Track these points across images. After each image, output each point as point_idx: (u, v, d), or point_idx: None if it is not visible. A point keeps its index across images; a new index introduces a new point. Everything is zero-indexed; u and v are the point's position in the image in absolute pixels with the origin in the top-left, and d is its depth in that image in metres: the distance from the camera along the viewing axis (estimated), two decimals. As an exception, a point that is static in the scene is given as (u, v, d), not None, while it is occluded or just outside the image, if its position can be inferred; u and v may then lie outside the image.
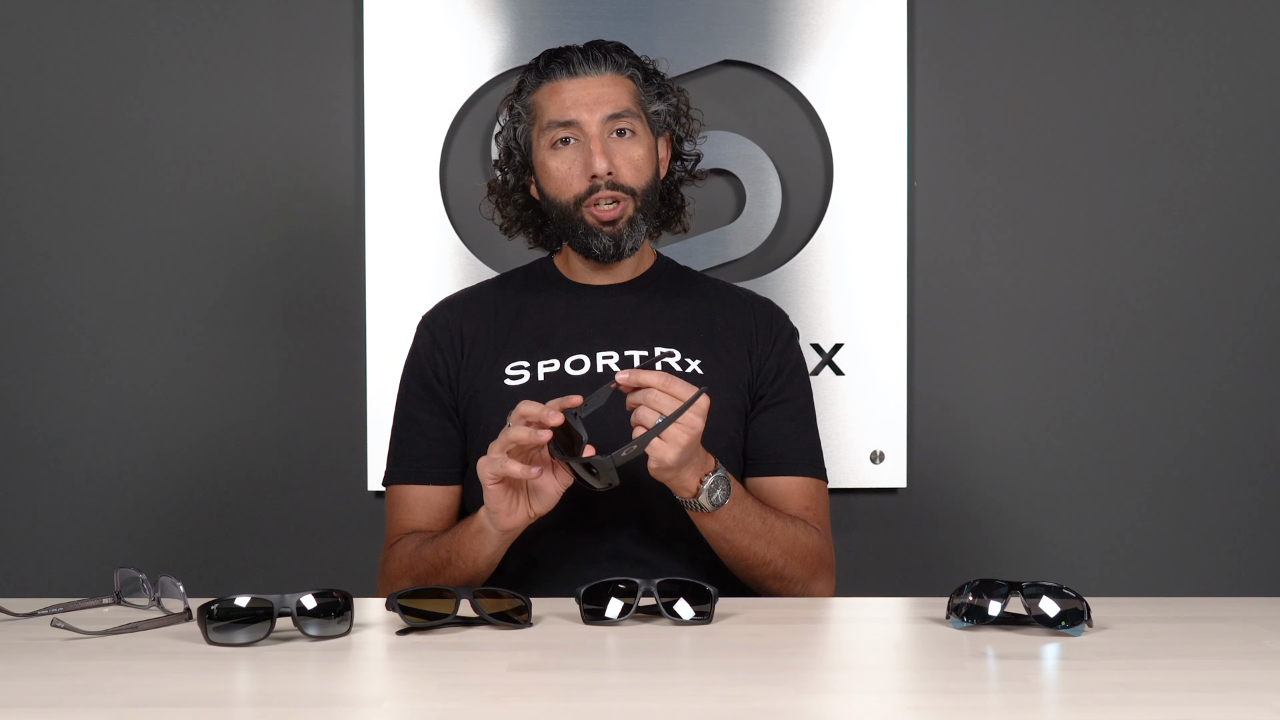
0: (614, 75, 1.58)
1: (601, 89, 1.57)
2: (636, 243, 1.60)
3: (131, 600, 1.32)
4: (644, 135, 1.59)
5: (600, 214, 1.56)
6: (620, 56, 1.60)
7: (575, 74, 1.58)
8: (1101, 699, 1.01)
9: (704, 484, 1.41)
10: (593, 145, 1.55)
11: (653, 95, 1.62)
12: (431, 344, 1.62)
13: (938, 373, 2.18)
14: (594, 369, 1.57)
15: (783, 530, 1.50)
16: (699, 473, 1.40)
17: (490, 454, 1.35)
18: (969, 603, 1.21)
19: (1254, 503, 2.20)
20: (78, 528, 2.14)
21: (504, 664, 1.10)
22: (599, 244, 1.57)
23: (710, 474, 1.41)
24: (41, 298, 2.14)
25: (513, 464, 1.32)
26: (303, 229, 2.14)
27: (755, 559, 1.48)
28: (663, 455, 1.34)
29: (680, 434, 1.34)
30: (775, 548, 1.48)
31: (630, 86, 1.59)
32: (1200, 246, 2.19)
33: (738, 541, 1.46)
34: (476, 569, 1.45)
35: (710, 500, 1.41)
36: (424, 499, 1.58)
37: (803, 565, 1.51)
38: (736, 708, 0.98)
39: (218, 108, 2.13)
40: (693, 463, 1.39)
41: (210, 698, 1.02)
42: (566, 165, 1.57)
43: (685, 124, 1.68)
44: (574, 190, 1.57)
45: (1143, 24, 2.17)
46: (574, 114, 1.56)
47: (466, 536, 1.43)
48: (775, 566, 1.49)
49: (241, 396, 2.15)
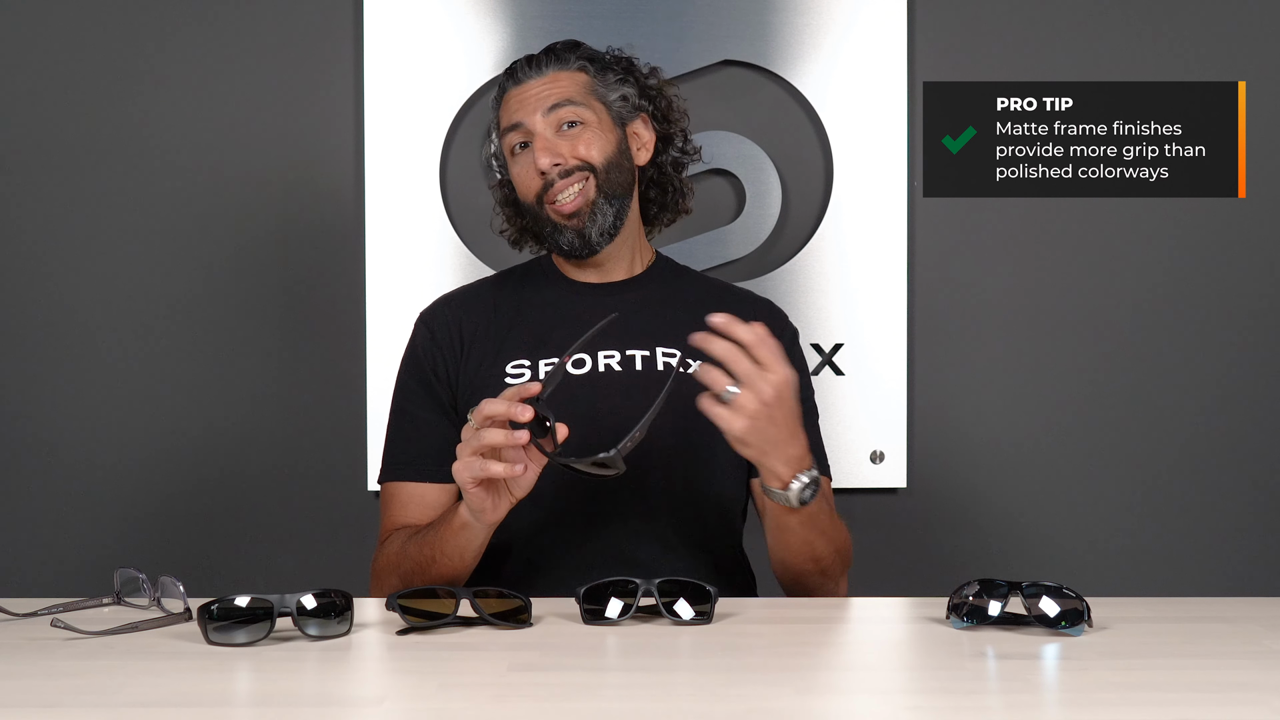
0: (558, 72, 1.59)
1: (542, 88, 1.58)
2: (604, 228, 1.57)
3: (131, 600, 1.32)
4: (598, 121, 1.58)
5: (561, 208, 1.56)
6: (567, 53, 1.61)
7: (520, 80, 1.60)
8: (1101, 699, 1.01)
9: (797, 479, 1.36)
10: (536, 143, 1.56)
11: (612, 82, 1.61)
12: (430, 340, 1.61)
13: (938, 372, 2.18)
14: (595, 367, 1.56)
15: (838, 528, 1.49)
16: (793, 467, 1.36)
17: (462, 458, 1.32)
18: (969, 603, 1.21)
19: (1253, 503, 2.20)
20: (78, 528, 2.14)
21: (504, 664, 1.10)
22: (566, 239, 1.58)
23: (807, 471, 1.37)
24: (41, 297, 2.14)
25: (494, 465, 1.29)
26: (303, 228, 2.15)
27: (813, 554, 1.46)
28: (729, 425, 1.31)
29: (748, 401, 1.29)
30: (831, 545, 1.47)
31: (580, 79, 1.59)
32: (1200, 246, 2.19)
33: (803, 536, 1.43)
34: (464, 564, 1.43)
35: (799, 498, 1.37)
36: (419, 496, 1.56)
37: (843, 563, 1.51)
38: (736, 708, 0.98)
39: (218, 107, 2.13)
40: (784, 452, 1.34)
41: (210, 698, 1.02)
42: (523, 168, 1.59)
43: (661, 102, 1.66)
44: (534, 190, 1.58)
45: (1144, 23, 2.17)
46: (519, 116, 1.58)
47: (449, 534, 1.41)
48: (825, 563, 1.48)
49: (241, 396, 2.15)
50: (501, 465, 1.29)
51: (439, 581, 1.43)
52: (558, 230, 1.58)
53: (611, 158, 1.58)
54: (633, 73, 1.64)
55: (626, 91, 1.62)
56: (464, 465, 1.31)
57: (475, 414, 1.31)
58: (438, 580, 1.43)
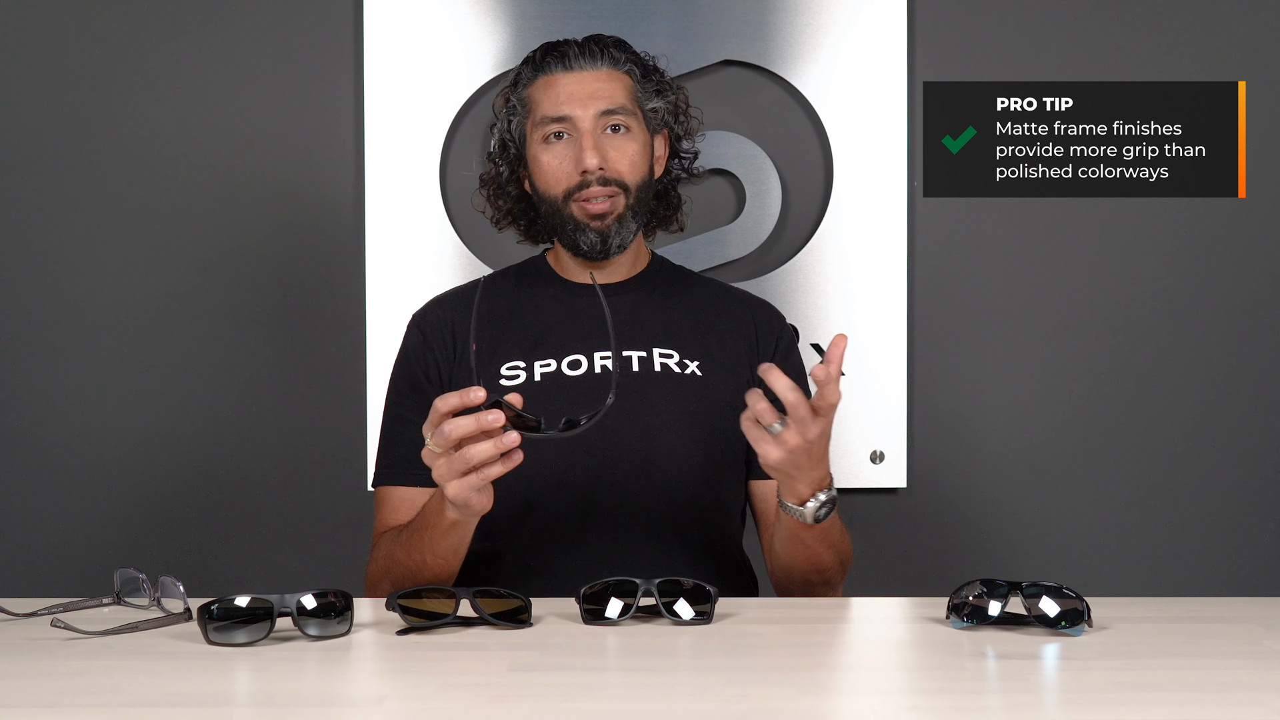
0: (610, 70, 1.57)
1: (596, 84, 1.56)
2: (624, 240, 1.57)
3: (131, 600, 1.32)
4: (639, 132, 1.58)
5: (591, 208, 1.54)
6: (618, 52, 1.59)
7: (570, 68, 1.56)
8: (1101, 699, 1.01)
9: (815, 498, 1.36)
10: (585, 141, 1.53)
11: (650, 92, 1.60)
12: (422, 343, 1.59)
13: (938, 373, 2.18)
14: (591, 369, 1.55)
15: (845, 538, 1.49)
16: (813, 487, 1.36)
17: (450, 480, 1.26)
18: (969, 603, 1.21)
19: (1253, 503, 2.20)
20: (78, 528, 2.14)
21: (504, 664, 1.10)
22: (586, 240, 1.56)
23: (825, 489, 1.36)
24: (41, 297, 2.14)
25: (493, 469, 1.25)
26: (303, 228, 2.15)
27: (821, 564, 1.46)
28: (767, 454, 1.29)
29: (792, 438, 1.28)
30: (838, 556, 1.47)
31: (626, 82, 1.58)
32: (1200, 246, 2.19)
33: (814, 548, 1.43)
34: (458, 559, 1.41)
35: (814, 515, 1.37)
36: (411, 500, 1.52)
37: (844, 569, 1.51)
38: (736, 708, 0.98)
39: (218, 107, 2.13)
40: (809, 476, 1.34)
41: (210, 698, 1.02)
42: (558, 160, 1.55)
43: (684, 122, 1.66)
44: (564, 185, 1.55)
45: (1144, 23, 2.17)
46: (567, 109, 1.55)
47: (438, 536, 1.38)
48: (830, 572, 1.48)
49: (241, 396, 2.15)
50: (500, 466, 1.26)
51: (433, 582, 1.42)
52: (580, 229, 1.56)
53: (644, 176, 1.58)
54: (668, 86, 1.63)
55: (659, 104, 1.61)
56: (463, 485, 1.26)
57: (437, 438, 1.25)
58: (431, 581, 1.42)
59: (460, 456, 1.25)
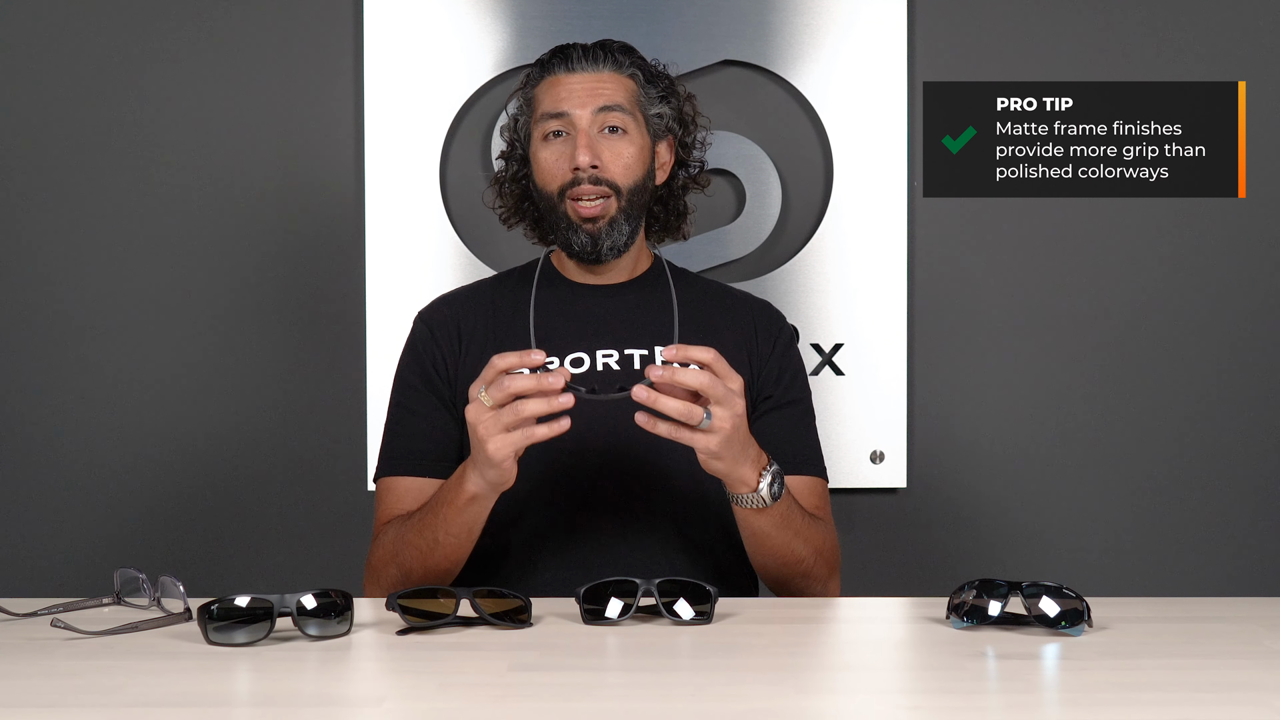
0: (613, 73, 1.58)
1: (597, 84, 1.57)
2: (616, 243, 1.58)
3: (131, 600, 1.32)
4: (637, 135, 1.58)
5: (582, 209, 1.55)
6: (623, 56, 1.60)
7: (573, 69, 1.58)
8: (1101, 699, 1.01)
9: (763, 478, 1.38)
10: (579, 138, 1.55)
11: (654, 98, 1.61)
12: (430, 338, 1.60)
13: (938, 373, 2.18)
14: (594, 367, 1.56)
15: (814, 528, 1.49)
16: (756, 467, 1.37)
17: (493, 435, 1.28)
18: (969, 603, 1.21)
19: (1253, 503, 2.20)
20: (78, 528, 2.14)
21: (504, 664, 1.10)
22: (577, 240, 1.57)
23: (767, 467, 1.38)
24: (42, 298, 2.14)
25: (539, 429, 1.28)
26: (303, 229, 2.15)
27: (792, 557, 1.46)
28: (706, 444, 1.30)
29: (724, 420, 1.29)
30: (809, 546, 1.47)
31: (629, 86, 1.59)
32: (1200, 246, 2.19)
33: (780, 539, 1.44)
34: (471, 540, 1.42)
35: (770, 493, 1.38)
36: (416, 491, 1.53)
37: (826, 564, 1.51)
38: (736, 708, 0.98)
39: (218, 108, 2.13)
40: (747, 455, 1.36)
41: (210, 698, 1.02)
42: (554, 157, 1.57)
43: (691, 130, 1.67)
44: (559, 181, 1.56)
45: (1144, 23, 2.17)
46: (565, 106, 1.56)
47: (453, 512, 1.39)
48: (806, 565, 1.48)
49: (241, 396, 2.15)
50: (546, 428, 1.28)
51: (442, 565, 1.43)
52: (572, 229, 1.57)
53: (639, 180, 1.58)
54: (674, 93, 1.64)
55: (664, 110, 1.62)
56: (505, 441, 1.28)
57: (495, 389, 1.28)
58: (441, 563, 1.42)
59: (512, 408, 1.27)
